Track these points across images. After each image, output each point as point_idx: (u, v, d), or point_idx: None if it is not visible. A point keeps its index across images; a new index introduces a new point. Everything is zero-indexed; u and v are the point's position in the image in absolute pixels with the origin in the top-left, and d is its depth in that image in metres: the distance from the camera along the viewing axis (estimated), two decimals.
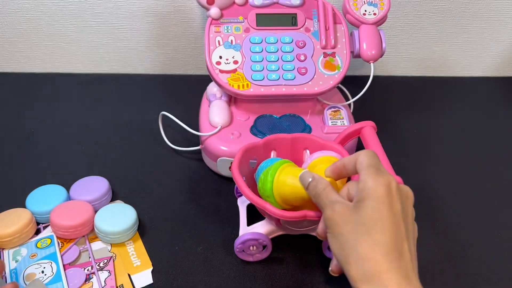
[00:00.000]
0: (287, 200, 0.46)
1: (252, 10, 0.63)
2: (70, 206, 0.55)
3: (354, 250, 0.35)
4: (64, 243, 0.53)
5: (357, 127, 0.56)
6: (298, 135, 0.55)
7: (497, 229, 0.58)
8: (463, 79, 0.90)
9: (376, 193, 0.37)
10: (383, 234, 0.35)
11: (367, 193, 0.37)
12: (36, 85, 0.82)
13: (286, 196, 0.45)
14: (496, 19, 0.83)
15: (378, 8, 0.63)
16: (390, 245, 0.35)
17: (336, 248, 0.37)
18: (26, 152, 0.67)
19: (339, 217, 0.37)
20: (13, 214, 0.53)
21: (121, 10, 0.78)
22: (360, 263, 0.35)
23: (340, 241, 0.37)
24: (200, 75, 0.87)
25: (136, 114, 0.75)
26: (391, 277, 0.34)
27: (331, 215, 0.38)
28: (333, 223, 0.38)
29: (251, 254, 0.52)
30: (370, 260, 0.35)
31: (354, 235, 0.36)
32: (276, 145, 0.55)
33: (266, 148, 0.54)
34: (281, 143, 0.55)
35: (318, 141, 0.54)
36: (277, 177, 0.45)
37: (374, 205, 0.36)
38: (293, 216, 0.45)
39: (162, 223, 0.57)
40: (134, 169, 0.64)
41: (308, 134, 0.56)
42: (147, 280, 0.50)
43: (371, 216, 0.36)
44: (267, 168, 0.47)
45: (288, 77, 0.61)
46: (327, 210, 0.39)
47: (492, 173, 0.67)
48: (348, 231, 0.36)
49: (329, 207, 0.39)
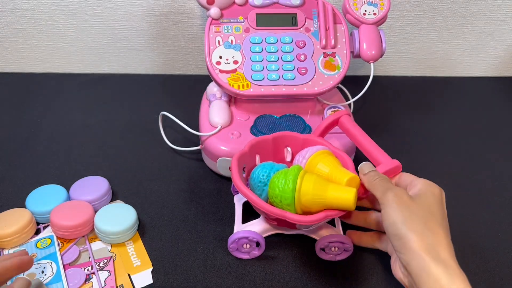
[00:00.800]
0: (308, 208, 0.46)
1: (252, 10, 0.63)
2: (70, 206, 0.55)
3: (422, 223, 0.41)
4: (64, 243, 0.53)
5: (334, 117, 0.56)
6: (277, 134, 0.55)
7: (497, 229, 0.58)
8: (463, 79, 0.90)
9: (433, 191, 0.45)
10: (443, 219, 0.43)
11: (424, 191, 0.45)
12: (36, 85, 0.82)
13: (308, 204, 0.46)
14: (496, 19, 0.83)
15: (378, 8, 0.63)
16: (447, 229, 0.42)
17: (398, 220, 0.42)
18: (26, 152, 0.67)
19: (405, 196, 0.44)
20: (13, 214, 0.53)
21: (121, 10, 0.78)
22: (426, 235, 0.40)
23: (404, 215, 0.42)
24: (200, 75, 0.87)
25: (136, 114, 0.75)
26: (448, 254, 0.40)
27: (398, 193, 0.44)
28: (398, 199, 0.43)
29: (246, 251, 0.52)
30: (435, 234, 0.41)
31: (421, 212, 0.42)
32: (259, 148, 0.54)
33: (251, 153, 0.54)
34: (263, 146, 0.55)
35: (298, 137, 0.55)
36: (300, 185, 0.45)
37: (432, 199, 0.44)
38: (316, 220, 0.45)
39: (162, 223, 0.57)
40: (134, 169, 0.64)
41: (288, 132, 0.56)
42: (147, 280, 0.50)
43: (431, 204, 0.43)
44: (277, 175, 0.47)
45: (288, 77, 0.61)
46: (391, 191, 0.44)
47: (492, 173, 0.67)
48: (414, 208, 0.42)
49: (393, 189, 0.44)
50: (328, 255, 0.52)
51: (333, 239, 0.51)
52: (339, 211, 0.46)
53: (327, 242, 0.51)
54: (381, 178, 0.47)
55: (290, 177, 0.46)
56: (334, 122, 0.56)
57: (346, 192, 0.44)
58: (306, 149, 0.52)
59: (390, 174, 0.49)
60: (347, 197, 0.44)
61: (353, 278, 0.51)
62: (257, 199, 0.47)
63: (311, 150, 0.51)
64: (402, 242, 0.41)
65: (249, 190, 0.48)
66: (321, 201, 0.45)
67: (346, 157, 0.51)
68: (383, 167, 0.49)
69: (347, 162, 0.51)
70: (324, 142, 0.53)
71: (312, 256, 0.53)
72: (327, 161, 0.49)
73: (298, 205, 0.46)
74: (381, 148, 0.52)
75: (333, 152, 0.51)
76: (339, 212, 0.46)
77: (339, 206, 0.45)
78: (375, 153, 0.51)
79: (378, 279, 0.51)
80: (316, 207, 0.46)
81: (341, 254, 0.52)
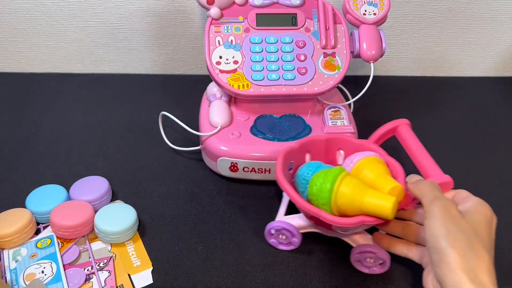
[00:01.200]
0: (344, 211, 0.46)
1: (252, 10, 0.63)
2: (70, 206, 0.55)
3: (467, 241, 0.40)
4: (64, 243, 0.53)
5: (392, 125, 0.55)
6: (332, 135, 0.55)
7: (497, 229, 0.58)
8: (463, 79, 0.89)
9: (485, 213, 0.44)
10: (489, 243, 0.42)
11: (475, 210, 0.43)
12: (36, 85, 0.82)
13: (344, 207, 0.45)
14: (496, 19, 0.83)
15: (378, 8, 0.63)
16: (491, 254, 0.41)
17: (441, 234, 0.40)
18: (26, 152, 0.67)
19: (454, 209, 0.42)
20: (13, 214, 0.53)
21: (121, 10, 0.78)
22: (468, 254, 0.39)
23: (449, 229, 0.40)
24: (200, 75, 0.87)
25: (136, 114, 0.75)
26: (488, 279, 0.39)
27: (446, 205, 0.42)
28: (445, 211, 0.42)
29: (281, 242, 0.53)
30: (478, 256, 0.39)
31: (468, 230, 0.41)
32: (310, 147, 0.55)
33: (301, 151, 0.54)
34: (316, 145, 0.55)
35: (353, 142, 0.54)
36: (337, 187, 0.45)
37: (482, 220, 0.43)
38: (349, 223, 0.45)
39: (162, 223, 0.57)
40: (134, 169, 0.64)
41: (343, 135, 0.56)
42: (147, 280, 0.50)
43: (480, 224, 0.42)
44: (317, 174, 0.47)
45: (288, 77, 0.61)
46: (440, 201, 0.43)
47: (492, 173, 0.67)
48: (461, 224, 0.41)
49: (443, 199, 0.43)
50: (364, 267, 0.51)
51: (367, 249, 0.49)
52: (377, 219, 0.45)
53: (362, 250, 0.50)
54: (432, 185, 0.45)
55: (329, 177, 0.46)
56: (392, 130, 0.56)
57: (385, 199, 0.44)
58: (356, 154, 0.51)
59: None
60: (385, 205, 0.43)
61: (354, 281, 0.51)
62: (294, 193, 0.48)
63: (360, 155, 0.50)
64: (440, 257, 0.39)
65: (287, 183, 0.48)
66: (357, 205, 0.45)
67: (398, 167, 0.50)
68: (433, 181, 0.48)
69: (398, 172, 0.49)
70: (378, 150, 0.53)
71: (312, 257, 0.53)
72: (374, 168, 0.48)
73: (334, 206, 0.46)
74: (435, 162, 0.51)
75: (385, 161, 0.51)
76: (377, 219, 0.45)
77: (376, 213, 0.44)
78: (427, 166, 0.50)
79: None
80: (352, 211, 0.45)
81: (376, 268, 0.51)
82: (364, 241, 0.51)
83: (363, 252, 0.50)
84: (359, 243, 0.51)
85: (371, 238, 0.51)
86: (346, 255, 0.52)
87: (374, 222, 0.45)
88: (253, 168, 0.59)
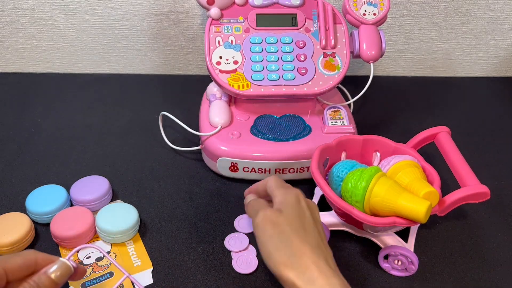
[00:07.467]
0: (376, 210, 0.46)
1: (252, 10, 0.63)
2: (69, 214, 0.54)
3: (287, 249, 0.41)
4: (66, 249, 0.53)
5: (432, 132, 0.56)
6: (369, 136, 0.56)
7: (497, 229, 0.58)
8: (463, 79, 0.90)
9: (290, 202, 0.44)
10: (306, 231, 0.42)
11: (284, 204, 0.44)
12: (36, 85, 0.82)
13: (377, 206, 0.46)
14: (496, 19, 0.83)
15: (378, 9, 0.63)
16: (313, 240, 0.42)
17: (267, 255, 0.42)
18: (26, 152, 0.67)
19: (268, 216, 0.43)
20: (11, 221, 0.52)
21: (121, 10, 0.78)
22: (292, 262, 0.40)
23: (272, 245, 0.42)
24: (200, 75, 0.87)
25: (136, 114, 0.75)
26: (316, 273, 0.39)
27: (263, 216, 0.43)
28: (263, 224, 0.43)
29: None
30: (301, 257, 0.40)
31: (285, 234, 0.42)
32: (348, 146, 0.55)
33: (338, 149, 0.55)
34: (352, 144, 0.55)
35: (390, 144, 0.55)
36: (373, 186, 0.45)
37: (291, 211, 0.43)
38: (381, 222, 0.45)
39: (162, 223, 0.57)
40: (134, 169, 0.64)
41: (380, 137, 0.56)
42: (147, 280, 0.50)
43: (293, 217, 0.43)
44: (353, 172, 0.47)
45: (288, 77, 0.61)
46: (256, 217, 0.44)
47: (492, 173, 0.67)
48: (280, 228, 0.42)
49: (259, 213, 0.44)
50: (392, 269, 0.51)
51: (398, 251, 0.49)
52: (409, 221, 0.45)
53: (393, 250, 0.50)
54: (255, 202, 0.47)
55: (365, 176, 0.46)
56: (431, 137, 0.56)
57: (419, 203, 0.44)
58: (393, 156, 0.52)
59: (476, 199, 0.48)
60: (419, 208, 0.43)
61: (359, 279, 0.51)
62: (328, 188, 0.48)
63: (397, 158, 0.51)
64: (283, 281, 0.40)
65: (322, 179, 0.49)
66: (391, 206, 0.45)
67: (434, 174, 0.50)
68: (468, 190, 0.48)
69: (434, 178, 0.50)
70: (415, 154, 0.53)
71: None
72: (410, 172, 0.49)
73: (367, 204, 0.46)
74: (473, 172, 0.51)
75: (422, 166, 0.51)
76: (409, 222, 0.45)
77: (409, 216, 0.44)
78: (465, 175, 0.50)
79: None
80: (384, 212, 0.45)
81: (402, 271, 0.51)
82: (393, 243, 0.51)
83: (392, 253, 0.50)
84: (388, 244, 0.51)
85: (400, 240, 0.52)
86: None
87: (406, 224, 0.45)
88: (253, 168, 0.59)
